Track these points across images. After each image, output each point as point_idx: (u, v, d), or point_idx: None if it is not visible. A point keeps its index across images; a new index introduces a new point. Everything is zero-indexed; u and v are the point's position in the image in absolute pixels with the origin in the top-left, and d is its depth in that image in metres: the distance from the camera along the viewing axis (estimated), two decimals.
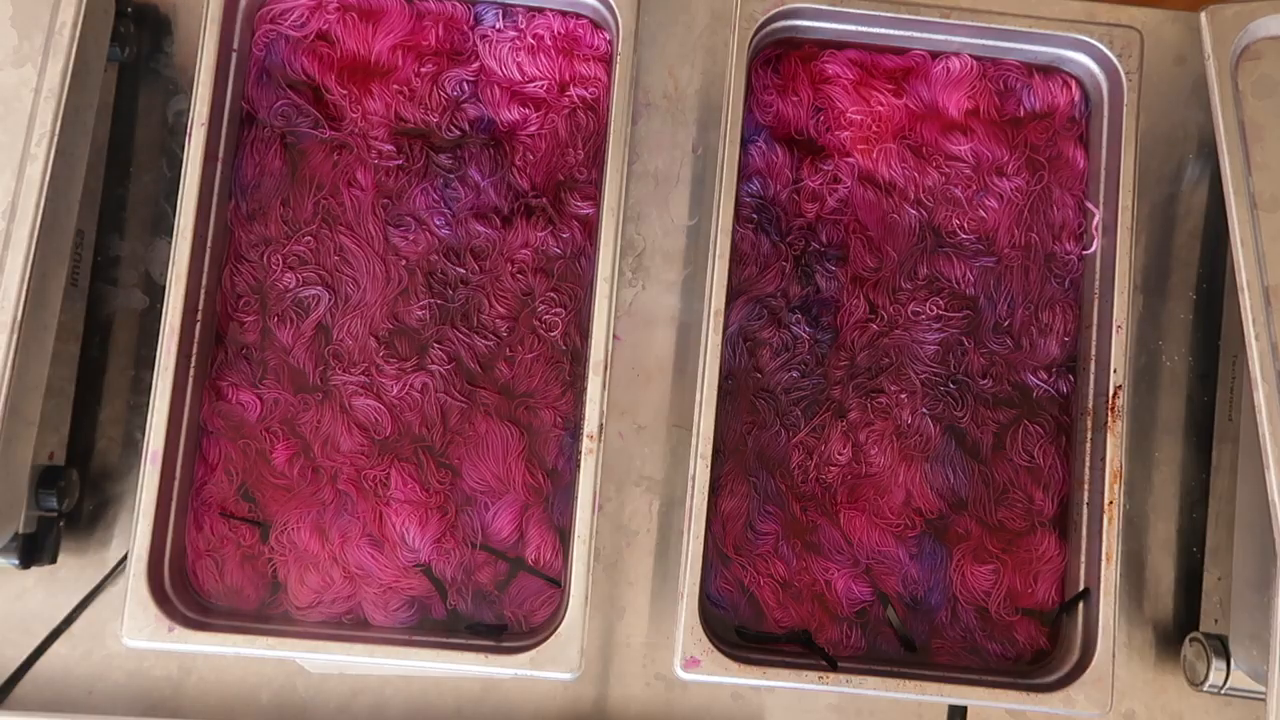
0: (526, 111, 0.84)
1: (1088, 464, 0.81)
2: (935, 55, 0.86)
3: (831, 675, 0.75)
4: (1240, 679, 0.79)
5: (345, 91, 0.83)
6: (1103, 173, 0.84)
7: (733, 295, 0.82)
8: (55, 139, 0.71)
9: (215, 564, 0.79)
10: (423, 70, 0.83)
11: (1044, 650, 0.81)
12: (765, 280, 0.83)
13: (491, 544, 0.80)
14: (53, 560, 0.80)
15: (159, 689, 0.81)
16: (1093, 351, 0.82)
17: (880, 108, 0.85)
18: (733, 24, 0.81)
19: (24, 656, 0.80)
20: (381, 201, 0.83)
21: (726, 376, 0.82)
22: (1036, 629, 0.81)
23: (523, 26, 0.84)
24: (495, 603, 0.80)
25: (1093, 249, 0.84)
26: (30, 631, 0.80)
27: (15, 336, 0.69)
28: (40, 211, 0.70)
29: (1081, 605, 0.79)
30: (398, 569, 0.79)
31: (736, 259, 0.83)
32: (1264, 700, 0.72)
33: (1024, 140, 0.86)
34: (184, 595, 0.77)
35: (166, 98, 0.87)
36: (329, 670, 0.82)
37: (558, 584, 0.79)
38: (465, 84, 0.84)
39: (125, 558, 0.76)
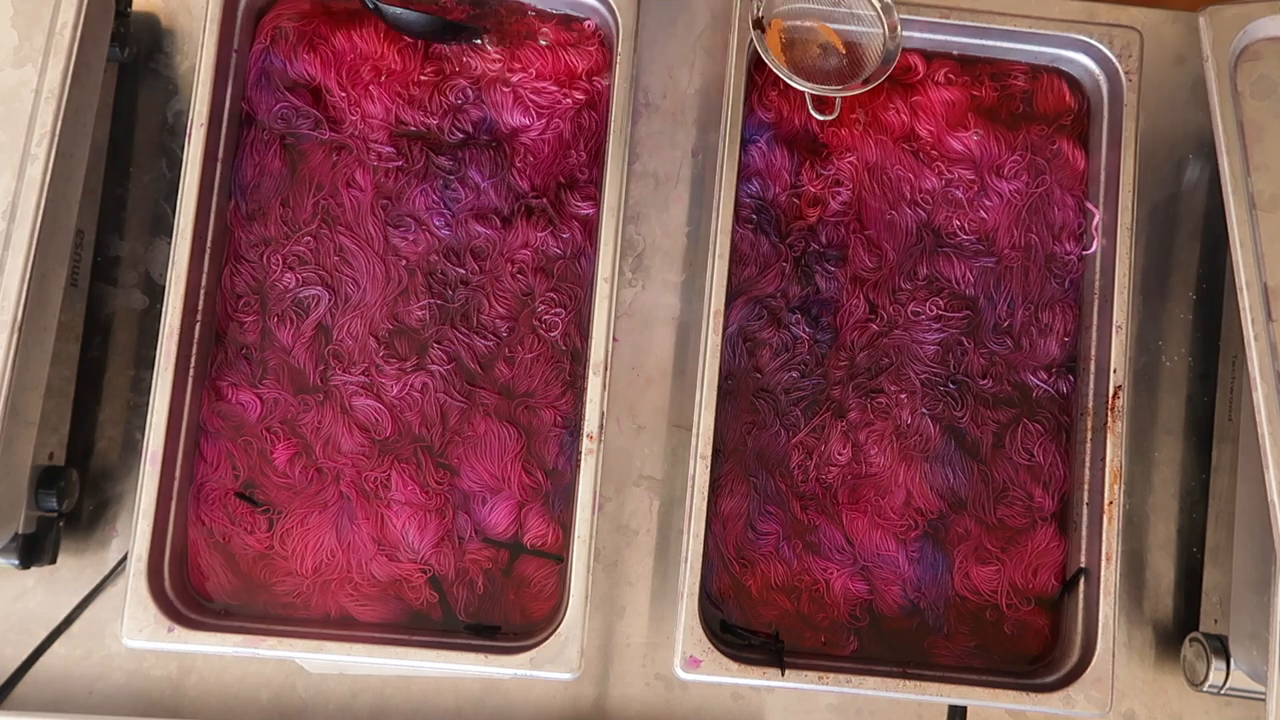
0: (529, 116, 0.84)
1: (1088, 464, 0.80)
2: (935, 56, 0.86)
3: (831, 675, 0.75)
4: (1240, 679, 0.79)
5: (345, 94, 0.83)
6: (1103, 173, 0.84)
7: (733, 295, 0.82)
8: (55, 139, 0.71)
9: (215, 564, 0.79)
10: (422, 76, 0.84)
11: (1044, 650, 0.81)
12: (765, 280, 0.83)
13: (489, 538, 0.80)
14: (53, 560, 0.80)
15: (159, 689, 0.81)
16: (1092, 352, 0.82)
17: (880, 108, 0.85)
18: (732, 24, 0.81)
19: (24, 656, 0.80)
20: (381, 202, 0.83)
21: (726, 376, 0.82)
22: (1037, 630, 0.81)
23: (523, 27, 0.85)
24: (495, 602, 0.80)
25: (1093, 249, 0.84)
26: (30, 631, 0.80)
27: (15, 336, 0.69)
28: (40, 211, 0.70)
29: (1083, 592, 0.79)
30: (398, 570, 0.79)
31: (736, 259, 0.83)
32: (1264, 700, 0.72)
33: (1024, 140, 0.86)
34: (184, 595, 0.77)
35: (166, 98, 0.87)
36: (329, 670, 0.82)
37: (560, 559, 0.79)
38: (468, 89, 0.84)
39: (125, 558, 0.76)
